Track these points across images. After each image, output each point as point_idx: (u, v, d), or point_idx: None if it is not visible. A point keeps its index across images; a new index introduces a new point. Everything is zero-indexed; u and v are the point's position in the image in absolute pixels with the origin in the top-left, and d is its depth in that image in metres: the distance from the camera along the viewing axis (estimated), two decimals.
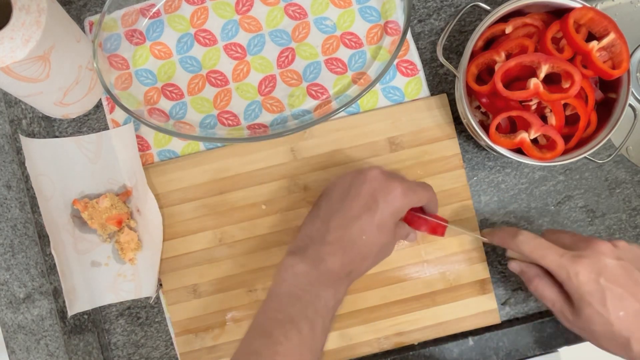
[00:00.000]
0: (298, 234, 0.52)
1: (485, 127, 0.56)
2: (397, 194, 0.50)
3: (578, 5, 0.55)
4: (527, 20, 0.56)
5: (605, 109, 0.56)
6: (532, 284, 0.52)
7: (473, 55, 0.56)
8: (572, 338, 0.60)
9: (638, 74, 0.64)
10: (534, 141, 0.56)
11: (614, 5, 0.64)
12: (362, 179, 0.51)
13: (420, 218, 0.55)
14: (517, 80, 0.56)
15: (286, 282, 0.48)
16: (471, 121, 0.55)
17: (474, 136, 0.57)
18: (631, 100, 0.55)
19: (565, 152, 0.54)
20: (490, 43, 0.57)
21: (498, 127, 0.55)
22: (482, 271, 0.61)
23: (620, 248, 0.49)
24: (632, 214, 0.63)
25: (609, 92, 0.56)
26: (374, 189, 0.50)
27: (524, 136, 0.54)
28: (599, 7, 0.63)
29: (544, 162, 0.54)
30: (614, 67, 0.54)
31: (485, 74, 0.57)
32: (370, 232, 0.49)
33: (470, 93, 0.57)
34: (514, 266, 0.54)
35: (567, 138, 0.55)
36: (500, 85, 0.53)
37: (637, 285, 0.47)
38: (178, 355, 0.62)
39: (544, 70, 0.53)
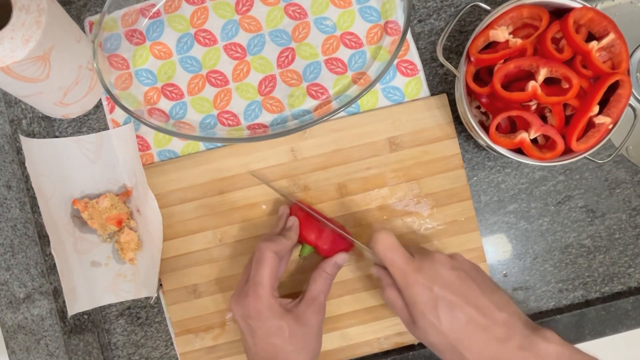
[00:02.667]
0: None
1: (485, 127, 0.56)
2: (258, 308, 0.51)
3: (578, 6, 0.54)
4: (527, 20, 0.56)
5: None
6: (384, 292, 0.52)
7: (472, 56, 0.56)
8: (572, 338, 0.60)
9: (638, 74, 0.64)
10: (534, 141, 0.56)
11: (614, 5, 0.64)
12: (233, 315, 0.54)
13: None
14: (516, 80, 0.56)
15: None
16: (471, 121, 0.55)
17: (474, 136, 0.57)
18: (631, 101, 0.55)
19: (565, 152, 0.54)
20: (491, 43, 0.57)
21: (498, 127, 0.55)
22: None
23: (457, 260, 0.49)
24: (632, 214, 0.63)
25: (608, 92, 0.56)
26: (241, 319, 0.52)
27: (524, 136, 0.54)
28: (599, 7, 0.63)
29: (544, 162, 0.54)
30: (613, 67, 0.54)
31: (485, 74, 0.57)
32: (266, 344, 0.51)
33: (470, 93, 0.57)
34: (374, 271, 0.54)
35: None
36: (499, 87, 0.53)
37: (469, 293, 0.46)
38: (178, 355, 0.62)
39: (542, 74, 0.53)
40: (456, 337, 0.46)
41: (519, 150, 0.55)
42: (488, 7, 0.56)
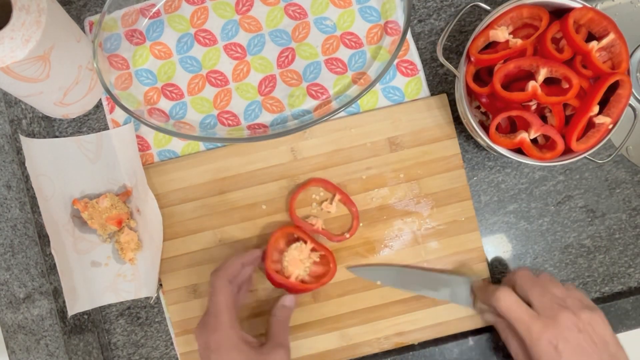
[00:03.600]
0: None
1: (485, 127, 0.56)
2: (217, 340, 0.51)
3: (578, 5, 0.54)
4: (527, 20, 0.56)
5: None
6: (503, 334, 0.55)
7: (472, 56, 0.56)
8: None
9: (638, 74, 0.64)
10: (534, 141, 0.56)
11: (614, 5, 0.64)
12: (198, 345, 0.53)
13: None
14: (516, 80, 0.56)
15: None
16: (471, 121, 0.55)
17: (473, 136, 0.57)
18: (631, 101, 0.55)
19: (565, 152, 0.54)
20: (491, 43, 0.57)
21: (498, 127, 0.55)
22: (482, 271, 0.61)
23: (582, 320, 0.51)
24: (632, 214, 0.63)
25: (608, 93, 0.56)
26: (202, 349, 0.52)
27: (524, 136, 0.54)
28: (599, 7, 0.63)
29: (543, 162, 0.54)
30: (613, 67, 0.54)
31: (485, 74, 0.57)
32: None
33: (470, 93, 0.57)
34: (488, 318, 0.58)
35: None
36: (499, 87, 0.53)
37: (588, 356, 0.50)
38: (178, 355, 0.62)
39: (542, 74, 0.53)
40: None
41: (519, 150, 0.55)
42: (488, 7, 0.56)
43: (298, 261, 0.58)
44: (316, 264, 0.59)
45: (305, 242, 0.58)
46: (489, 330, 0.61)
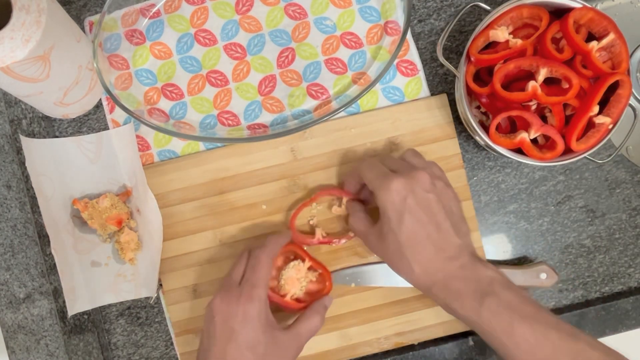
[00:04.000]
0: None
1: (485, 127, 0.56)
2: (248, 311, 0.50)
3: (578, 5, 0.54)
4: (527, 20, 0.56)
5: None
6: (351, 218, 0.56)
7: (472, 56, 0.56)
8: None
9: (638, 74, 0.64)
10: (534, 141, 0.56)
11: (614, 5, 0.64)
12: (209, 316, 0.52)
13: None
14: (516, 80, 0.56)
15: None
16: (471, 121, 0.55)
17: (473, 136, 0.57)
18: (632, 101, 0.55)
19: (565, 152, 0.54)
20: (491, 43, 0.57)
21: (498, 127, 0.55)
22: None
23: (437, 185, 0.51)
24: (632, 214, 0.63)
25: (608, 92, 0.56)
26: (223, 320, 0.50)
27: (524, 136, 0.54)
28: (599, 7, 0.63)
29: (543, 162, 0.54)
30: (613, 67, 0.54)
31: (485, 74, 0.57)
32: (238, 356, 0.49)
33: (470, 93, 0.57)
34: (346, 205, 0.59)
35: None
36: (499, 87, 0.53)
37: (435, 214, 0.50)
38: (178, 355, 0.62)
39: (542, 74, 0.53)
40: (410, 247, 0.49)
41: (519, 151, 0.55)
42: (488, 7, 0.56)
43: (295, 280, 0.57)
44: (312, 282, 0.58)
45: (303, 261, 0.58)
46: None
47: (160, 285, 0.62)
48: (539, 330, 0.46)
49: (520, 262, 0.63)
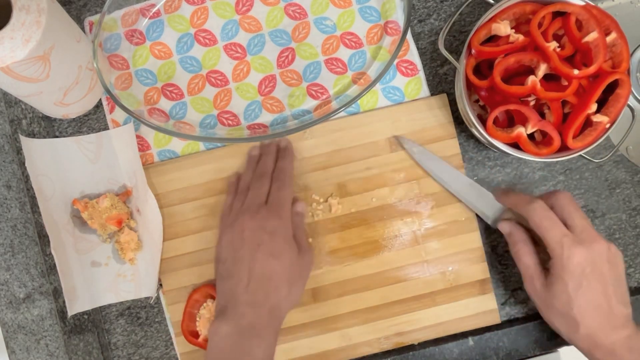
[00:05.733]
0: (217, 295, 0.55)
1: (484, 121, 0.55)
2: (276, 227, 0.54)
3: (581, 4, 0.54)
4: (530, 17, 0.56)
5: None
6: (515, 247, 0.56)
7: (474, 48, 0.56)
8: None
9: (638, 74, 0.64)
10: (531, 137, 0.56)
11: (614, 5, 0.64)
12: (239, 229, 0.55)
13: None
14: (516, 75, 0.56)
15: (216, 348, 0.51)
16: (469, 114, 0.55)
17: (471, 129, 0.57)
18: (631, 100, 0.55)
19: (562, 149, 0.54)
20: (492, 38, 0.57)
21: (496, 121, 0.55)
22: (482, 271, 0.61)
23: (613, 253, 0.53)
24: (632, 214, 0.63)
25: (607, 92, 0.56)
26: (252, 234, 0.54)
27: (521, 130, 0.54)
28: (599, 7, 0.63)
29: (539, 157, 0.54)
30: (614, 67, 0.54)
31: (485, 69, 0.57)
32: (266, 263, 0.53)
33: (470, 87, 0.57)
34: (504, 226, 0.58)
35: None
36: (498, 80, 0.53)
37: (609, 285, 0.52)
38: (178, 355, 0.62)
39: (542, 69, 0.53)
40: (581, 313, 0.52)
41: (515, 146, 0.55)
42: (492, 0, 0.56)
43: (206, 320, 0.60)
44: None
45: (214, 299, 0.60)
46: (489, 330, 0.61)
47: (160, 285, 0.62)
48: None
49: None
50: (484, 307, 0.61)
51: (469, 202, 0.60)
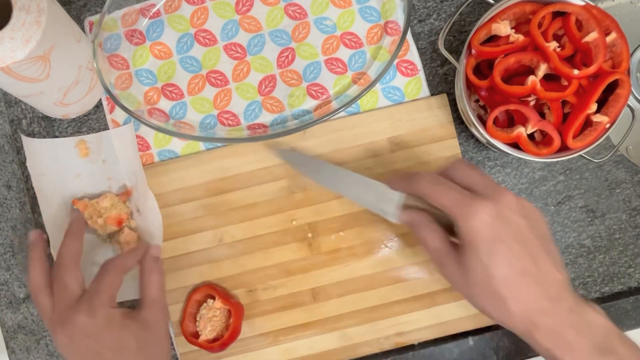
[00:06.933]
0: None
1: (484, 121, 0.56)
2: (93, 325, 0.48)
3: (581, 3, 0.55)
4: (530, 17, 0.56)
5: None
6: (419, 233, 0.48)
7: (474, 48, 0.56)
8: None
9: (638, 74, 0.64)
10: (531, 137, 0.56)
11: (614, 5, 0.64)
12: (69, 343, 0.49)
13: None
14: (516, 75, 0.56)
15: None
16: (469, 113, 0.55)
17: (471, 129, 0.57)
18: (631, 100, 0.55)
19: (562, 149, 0.54)
20: (492, 38, 0.57)
21: (495, 121, 0.55)
22: None
23: (526, 207, 0.45)
24: (632, 214, 0.63)
25: (608, 92, 0.56)
26: (83, 343, 0.48)
27: (521, 130, 0.54)
28: (599, 7, 0.63)
29: (539, 157, 0.54)
30: (614, 67, 0.54)
31: (485, 69, 0.57)
32: None
33: (470, 86, 0.57)
34: (404, 217, 0.50)
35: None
36: (498, 80, 0.53)
37: (531, 245, 0.43)
38: (178, 355, 0.62)
39: (542, 69, 0.53)
40: (505, 284, 0.42)
41: (515, 146, 0.55)
42: (492, 0, 0.56)
43: (206, 320, 0.60)
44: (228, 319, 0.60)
45: (214, 298, 0.60)
46: (489, 330, 0.61)
47: None
48: None
49: None
50: None
51: (364, 202, 0.53)
